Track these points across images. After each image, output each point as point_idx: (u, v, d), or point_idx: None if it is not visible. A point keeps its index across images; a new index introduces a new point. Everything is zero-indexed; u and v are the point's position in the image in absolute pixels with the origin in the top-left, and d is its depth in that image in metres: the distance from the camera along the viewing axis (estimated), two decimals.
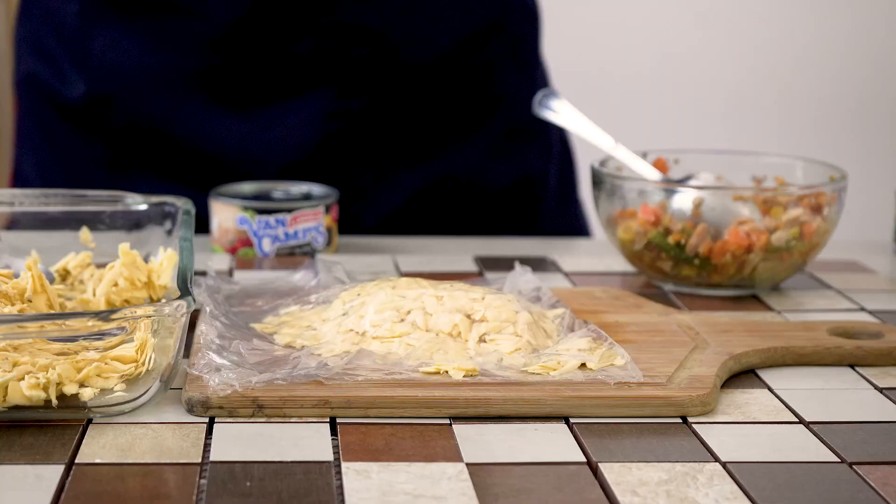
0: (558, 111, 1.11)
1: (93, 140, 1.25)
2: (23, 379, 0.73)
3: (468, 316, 0.84)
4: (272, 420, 0.75)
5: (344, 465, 0.69)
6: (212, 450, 0.71)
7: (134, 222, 0.96)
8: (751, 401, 0.80)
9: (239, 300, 0.92)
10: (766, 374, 0.85)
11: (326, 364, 0.79)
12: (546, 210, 1.29)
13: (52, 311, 0.80)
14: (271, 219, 1.07)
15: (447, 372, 0.79)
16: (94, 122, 1.25)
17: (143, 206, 0.96)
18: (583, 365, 0.81)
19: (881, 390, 0.83)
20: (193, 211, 0.93)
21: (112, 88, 1.23)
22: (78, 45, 1.24)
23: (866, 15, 2.54)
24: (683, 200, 1.00)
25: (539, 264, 1.09)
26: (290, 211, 1.07)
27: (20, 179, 1.33)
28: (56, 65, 1.26)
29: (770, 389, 0.82)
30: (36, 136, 1.30)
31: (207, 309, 0.86)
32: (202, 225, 1.12)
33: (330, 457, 0.70)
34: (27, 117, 1.32)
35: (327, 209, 1.10)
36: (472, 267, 1.09)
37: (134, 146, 1.24)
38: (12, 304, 0.79)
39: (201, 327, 0.84)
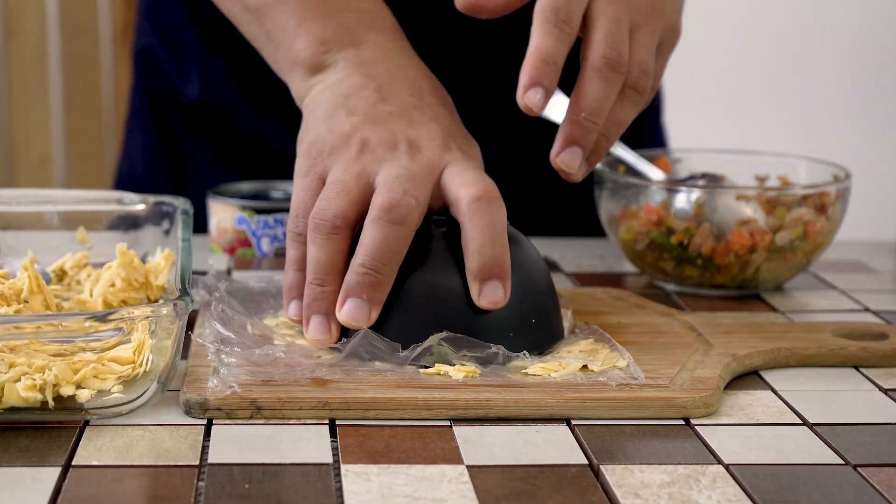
0: (559, 109, 1.10)
1: (198, 137, 1.23)
2: (19, 380, 0.72)
3: None
4: (271, 422, 0.75)
5: (343, 467, 0.69)
6: (210, 452, 0.71)
7: (131, 222, 0.96)
8: (754, 402, 0.80)
9: (238, 300, 0.91)
10: (769, 376, 0.84)
11: (323, 357, 0.78)
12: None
13: (49, 312, 0.80)
14: (270, 218, 1.07)
15: (447, 373, 0.79)
16: (202, 123, 1.22)
17: (141, 206, 0.96)
18: (584, 367, 0.80)
19: (886, 392, 0.82)
20: (191, 211, 0.93)
21: (227, 99, 1.20)
22: (202, 50, 1.21)
23: (871, 10, 2.54)
24: (686, 200, 1.00)
25: None
26: (289, 210, 1.07)
27: (128, 157, 1.29)
28: (178, 54, 1.22)
29: (773, 391, 0.82)
30: (146, 114, 1.26)
31: (211, 306, 0.86)
32: (201, 225, 1.12)
33: (329, 459, 0.70)
34: (140, 92, 1.27)
35: None
36: None
37: (241, 152, 1.21)
38: (8, 305, 0.79)
39: (199, 329, 0.84)
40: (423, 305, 0.81)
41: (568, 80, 1.17)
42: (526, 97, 0.84)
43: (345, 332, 0.82)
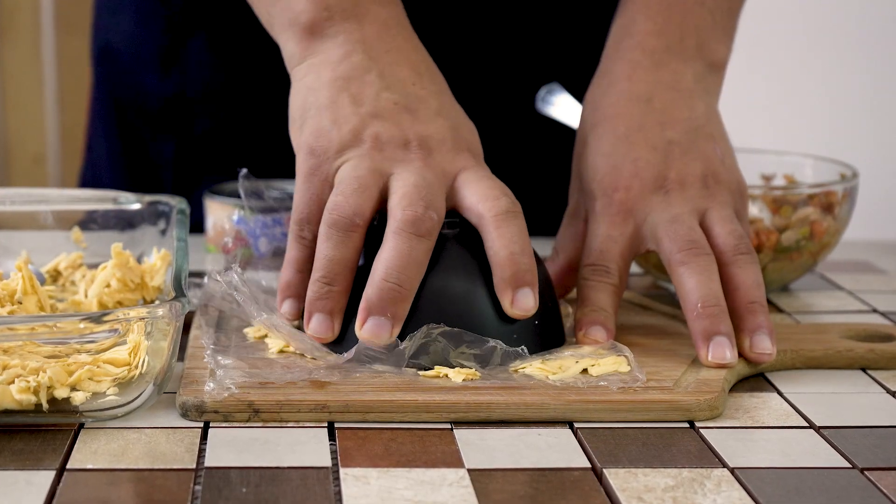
0: (562, 108, 1.10)
1: (166, 139, 1.21)
2: (13, 382, 0.71)
3: None
4: (268, 425, 0.74)
5: (342, 470, 0.68)
6: (207, 455, 0.70)
7: (127, 222, 0.95)
8: (759, 405, 0.79)
9: (234, 301, 0.90)
10: (775, 378, 0.83)
11: (324, 363, 0.78)
12: None
13: (43, 313, 0.79)
14: (268, 218, 1.06)
15: (447, 375, 0.78)
16: (170, 122, 1.20)
17: (136, 206, 0.95)
18: (584, 370, 0.79)
19: (893, 394, 0.82)
20: (188, 210, 0.92)
21: (200, 93, 1.18)
22: (168, 43, 1.18)
23: (879, 6, 2.53)
24: None
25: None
26: (287, 210, 1.06)
27: (92, 165, 1.27)
28: (142, 51, 1.20)
29: (779, 393, 0.81)
30: (109, 120, 1.24)
31: (208, 306, 0.85)
32: (198, 224, 1.11)
33: (328, 462, 0.69)
34: (101, 97, 1.25)
35: None
36: None
37: (210, 150, 1.20)
38: (2, 306, 0.78)
39: (195, 332, 0.83)
40: (427, 309, 0.80)
41: (572, 79, 1.17)
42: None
43: (343, 329, 0.81)
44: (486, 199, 0.82)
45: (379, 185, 0.82)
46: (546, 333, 0.83)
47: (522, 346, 0.80)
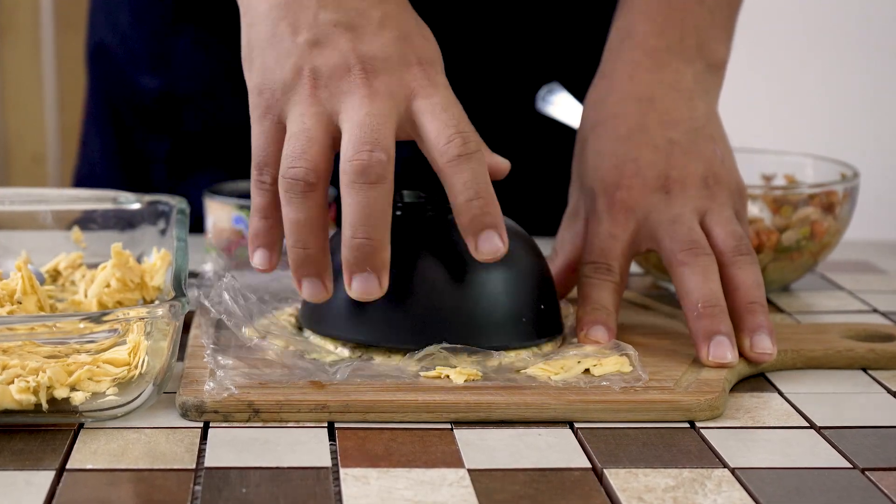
0: (562, 108, 1.10)
1: (160, 136, 1.20)
2: (12, 382, 0.71)
3: None
4: (268, 425, 0.74)
5: (342, 470, 0.68)
6: (206, 455, 0.70)
7: (126, 222, 0.95)
8: (760, 405, 0.79)
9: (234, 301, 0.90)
10: (776, 378, 0.83)
11: (326, 368, 0.77)
12: None
13: (43, 313, 0.79)
14: None
15: (448, 376, 0.78)
16: (164, 120, 1.20)
17: (136, 205, 0.95)
18: (587, 370, 0.79)
19: (894, 394, 0.81)
20: (188, 210, 0.92)
21: (193, 90, 1.18)
22: (160, 40, 1.18)
23: (880, 4, 2.53)
24: None
25: None
26: None
27: (86, 162, 1.27)
28: (132, 51, 1.20)
29: (780, 393, 0.81)
30: (103, 118, 1.24)
31: (208, 303, 0.85)
32: (197, 224, 1.11)
33: (328, 462, 0.69)
34: (95, 96, 1.25)
35: None
36: None
37: (204, 147, 1.19)
38: (2, 306, 0.78)
39: (195, 331, 0.83)
40: (422, 301, 0.80)
41: (572, 79, 1.16)
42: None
43: (342, 327, 0.81)
44: (437, 143, 0.78)
45: (328, 130, 0.79)
46: (541, 325, 0.83)
47: (527, 354, 0.80)
